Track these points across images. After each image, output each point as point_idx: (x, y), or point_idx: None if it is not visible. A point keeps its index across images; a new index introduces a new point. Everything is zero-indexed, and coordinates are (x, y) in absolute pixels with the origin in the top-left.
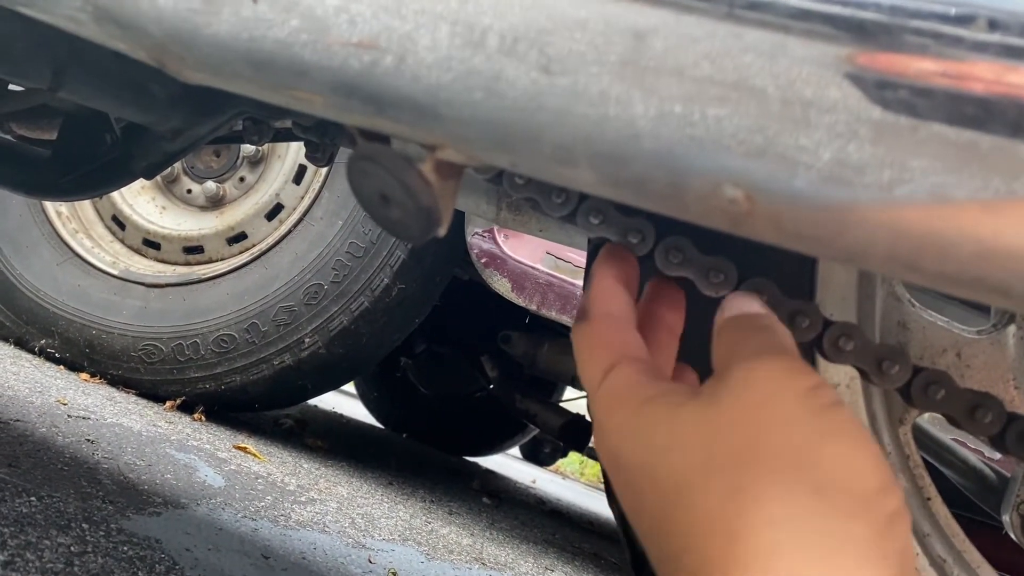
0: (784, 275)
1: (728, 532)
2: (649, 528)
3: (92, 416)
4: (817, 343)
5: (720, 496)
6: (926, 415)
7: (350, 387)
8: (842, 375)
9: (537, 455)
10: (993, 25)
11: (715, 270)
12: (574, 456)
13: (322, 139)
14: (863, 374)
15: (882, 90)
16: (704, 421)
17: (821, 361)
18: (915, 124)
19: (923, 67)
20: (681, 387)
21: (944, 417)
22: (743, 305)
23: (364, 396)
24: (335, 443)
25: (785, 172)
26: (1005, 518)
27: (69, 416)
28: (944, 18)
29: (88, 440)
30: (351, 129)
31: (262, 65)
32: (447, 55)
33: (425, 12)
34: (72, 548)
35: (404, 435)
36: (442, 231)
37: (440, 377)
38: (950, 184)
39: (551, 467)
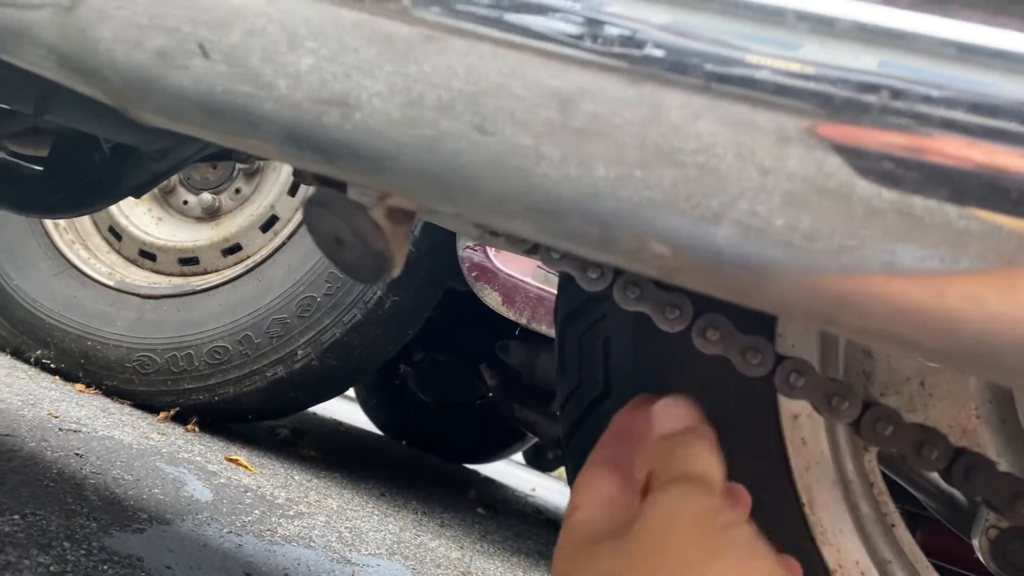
0: (745, 307)
1: None
2: None
3: (83, 429)
4: (768, 380)
5: None
6: None
7: (350, 393)
8: (803, 405)
9: (540, 460)
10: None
11: (671, 306)
12: None
13: None
14: (816, 409)
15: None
16: (617, 552)
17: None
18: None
19: (877, 139)
20: (620, 519)
21: (896, 452)
22: (669, 422)
23: (364, 403)
24: (330, 453)
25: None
26: (975, 542)
27: (60, 429)
28: (883, 89)
29: (77, 454)
30: (307, 174)
31: (215, 115)
32: (388, 111)
33: (364, 71)
34: (52, 568)
35: (404, 443)
36: (395, 272)
37: (439, 385)
38: (899, 252)
39: (553, 473)
